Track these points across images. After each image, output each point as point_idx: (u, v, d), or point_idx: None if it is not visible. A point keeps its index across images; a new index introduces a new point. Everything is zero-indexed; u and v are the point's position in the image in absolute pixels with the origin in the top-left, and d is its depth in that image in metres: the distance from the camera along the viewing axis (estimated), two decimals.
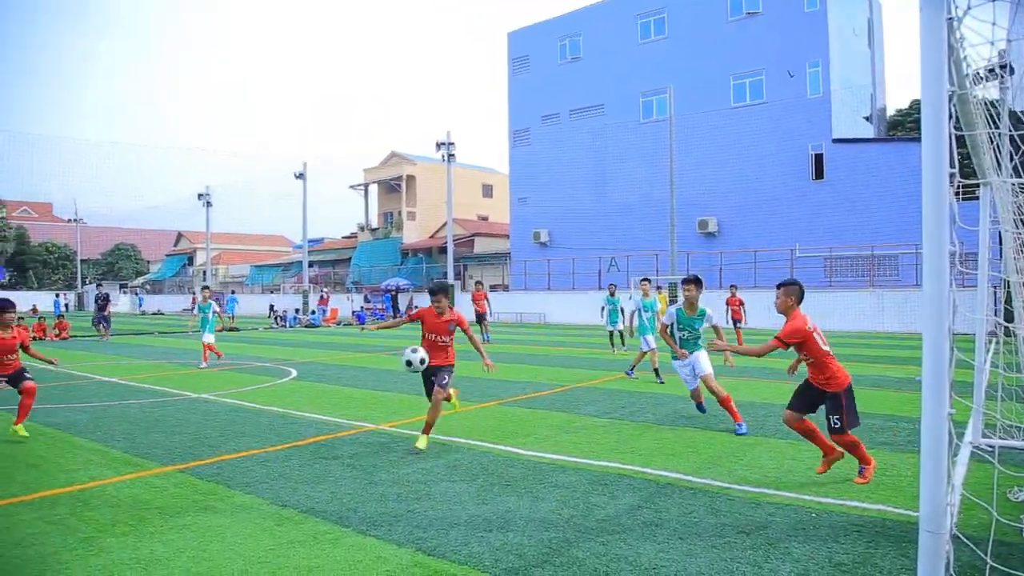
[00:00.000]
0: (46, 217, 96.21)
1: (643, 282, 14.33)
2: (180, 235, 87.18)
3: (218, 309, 16.77)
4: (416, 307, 43.36)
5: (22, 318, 31.17)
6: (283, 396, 11.69)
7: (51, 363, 9.04)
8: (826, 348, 6.14)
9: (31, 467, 7.11)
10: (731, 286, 22.47)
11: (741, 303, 21.58)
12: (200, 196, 55.40)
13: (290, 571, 4.40)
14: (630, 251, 39.10)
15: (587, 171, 44.28)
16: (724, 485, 6.15)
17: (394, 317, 41.47)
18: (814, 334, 6.11)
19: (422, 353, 7.50)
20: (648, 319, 13.34)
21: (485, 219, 62.73)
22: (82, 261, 73.60)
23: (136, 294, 72.00)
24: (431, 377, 7.68)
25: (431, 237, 58.10)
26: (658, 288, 31.03)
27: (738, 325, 20.58)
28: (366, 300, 46.07)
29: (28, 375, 8.51)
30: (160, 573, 4.40)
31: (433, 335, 7.74)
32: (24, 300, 56.35)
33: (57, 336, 27.67)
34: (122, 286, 76.67)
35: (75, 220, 71.02)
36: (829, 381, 6.07)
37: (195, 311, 17.42)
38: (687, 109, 37.82)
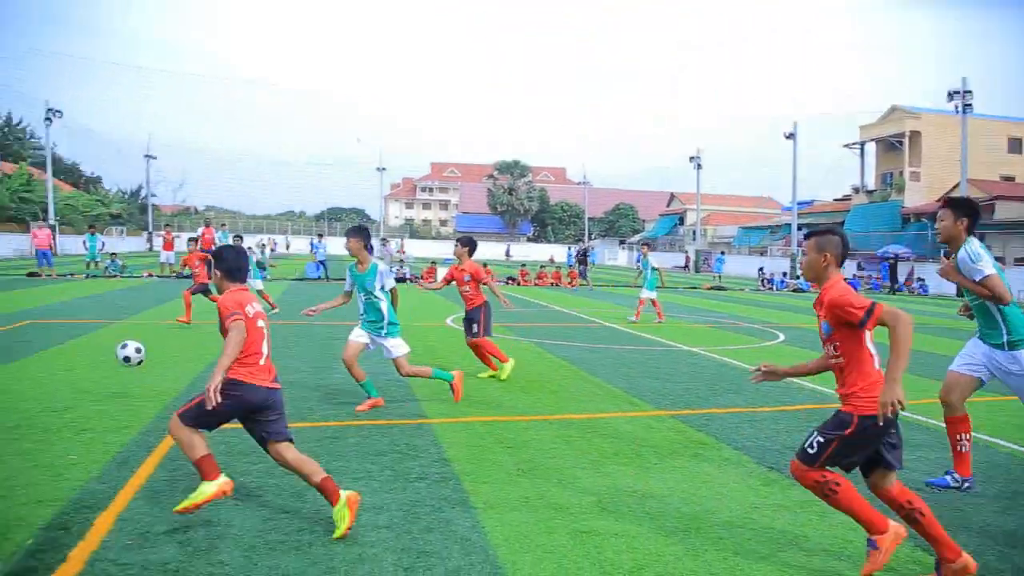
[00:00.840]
0: (561, 180, 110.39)
1: None
2: (672, 196, 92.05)
3: (656, 266, 17.15)
4: (920, 279, 39.03)
5: (544, 266, 36.61)
6: (770, 358, 11.59)
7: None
8: (872, 350, 3.79)
9: (551, 393, 8.29)
10: None
11: None
12: (692, 159, 57.75)
13: (775, 534, 4.37)
14: None
15: None
16: None
17: (892, 288, 37.96)
18: None
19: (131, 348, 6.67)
20: None
21: (1011, 179, 52.99)
22: (588, 219, 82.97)
23: (633, 250, 78.48)
24: None
25: (938, 201, 51.26)
26: None
27: None
28: (859, 268, 43.00)
29: (475, 326, 8.84)
30: (654, 506, 4.75)
31: None
32: (543, 251, 66.08)
33: (569, 284, 31.80)
34: (621, 242, 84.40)
35: (583, 183, 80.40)
36: (853, 396, 3.76)
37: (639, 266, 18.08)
38: None
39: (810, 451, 3.75)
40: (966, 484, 5.08)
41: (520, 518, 4.48)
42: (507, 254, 70.27)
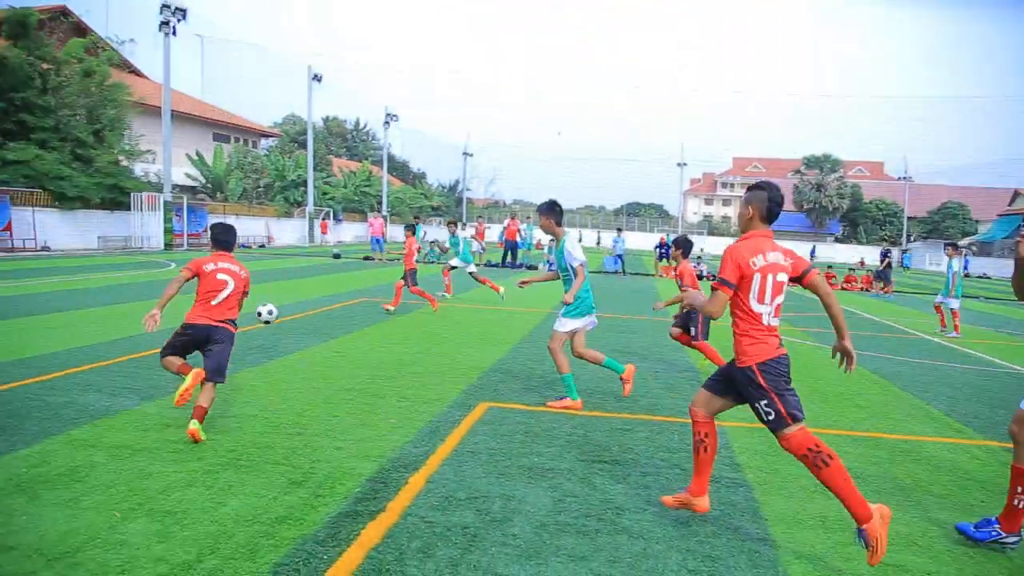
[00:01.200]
0: (877, 175, 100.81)
1: None
2: (1017, 193, 79.58)
3: (956, 269, 14.81)
4: None
5: (852, 269, 33.74)
6: None
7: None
8: (759, 307, 3.88)
9: (857, 407, 7.63)
10: None
11: None
12: None
13: None
14: None
15: None
16: None
17: None
18: (755, 276, 3.86)
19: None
20: None
21: None
22: (908, 218, 74.84)
23: (963, 255, 69.39)
24: None
25: None
26: None
27: None
28: None
29: (692, 329, 8.77)
30: (975, 550, 4.17)
31: None
32: (852, 253, 60.88)
33: (882, 290, 28.93)
34: (946, 245, 75.08)
35: (904, 178, 72.53)
36: (739, 349, 3.94)
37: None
38: None
39: (771, 420, 3.83)
40: (1012, 540, 4.13)
41: (815, 538, 4.20)
42: (812, 255, 65.85)
